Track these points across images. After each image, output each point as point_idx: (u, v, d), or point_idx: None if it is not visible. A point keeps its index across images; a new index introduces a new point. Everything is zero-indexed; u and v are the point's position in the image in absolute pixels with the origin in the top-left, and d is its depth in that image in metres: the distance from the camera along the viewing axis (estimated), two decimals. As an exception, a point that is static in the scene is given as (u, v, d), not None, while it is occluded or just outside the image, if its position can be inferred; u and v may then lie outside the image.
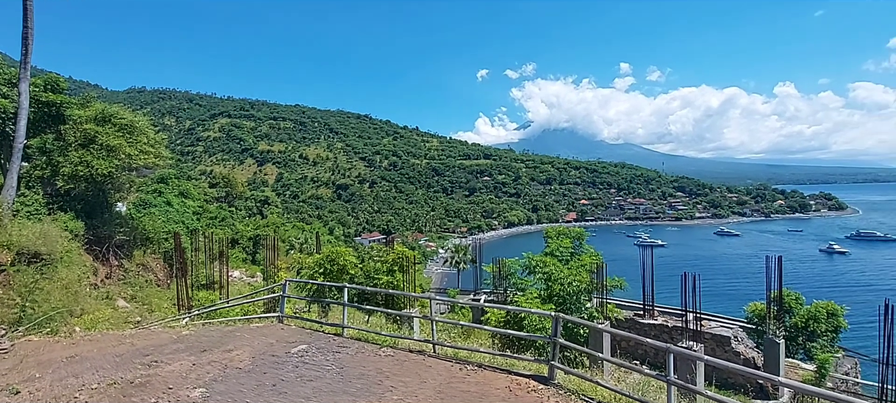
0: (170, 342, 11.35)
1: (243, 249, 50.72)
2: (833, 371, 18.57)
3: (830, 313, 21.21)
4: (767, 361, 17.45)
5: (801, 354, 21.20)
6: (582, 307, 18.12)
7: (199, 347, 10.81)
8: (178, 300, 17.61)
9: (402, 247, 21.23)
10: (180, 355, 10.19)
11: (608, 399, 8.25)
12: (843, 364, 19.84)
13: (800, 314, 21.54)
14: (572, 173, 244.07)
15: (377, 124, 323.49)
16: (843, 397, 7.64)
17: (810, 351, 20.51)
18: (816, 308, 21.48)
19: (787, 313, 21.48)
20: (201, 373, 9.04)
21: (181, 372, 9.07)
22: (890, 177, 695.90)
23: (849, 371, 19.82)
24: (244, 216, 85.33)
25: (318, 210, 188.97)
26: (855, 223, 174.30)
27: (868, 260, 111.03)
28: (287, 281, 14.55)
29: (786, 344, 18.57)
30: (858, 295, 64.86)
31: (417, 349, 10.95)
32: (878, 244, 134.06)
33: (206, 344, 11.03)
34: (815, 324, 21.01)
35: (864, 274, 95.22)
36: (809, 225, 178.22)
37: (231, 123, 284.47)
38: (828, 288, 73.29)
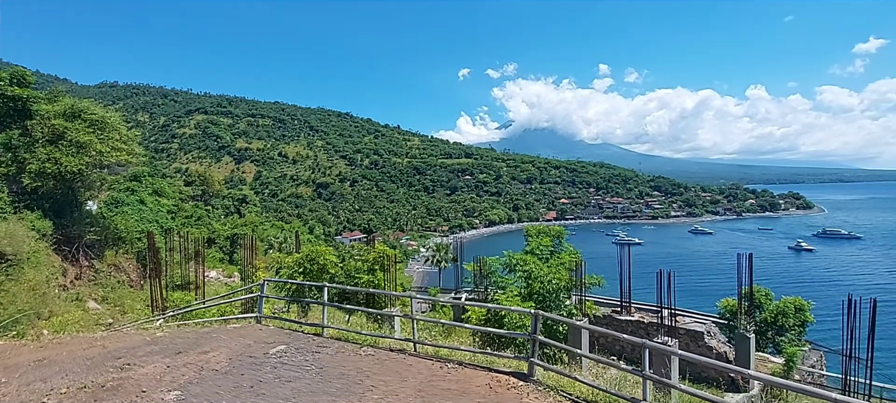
0: (143, 344, 11.07)
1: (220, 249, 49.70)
2: (800, 363, 19.30)
3: (798, 308, 22.05)
4: (739, 355, 18.02)
5: (770, 348, 21.98)
6: (561, 304, 18.36)
7: (174, 349, 10.58)
8: (151, 301, 17.17)
9: (383, 246, 21.15)
10: (154, 357, 9.96)
11: (586, 394, 8.40)
12: (810, 357, 20.64)
13: (769, 309, 22.32)
14: (552, 172, 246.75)
15: (358, 122, 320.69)
16: (809, 388, 7.98)
17: (779, 345, 21.28)
18: (785, 303, 22.31)
19: (758, 308, 22.23)
20: (176, 376, 8.85)
21: (155, 375, 8.87)
22: (854, 177, 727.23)
23: (815, 363, 20.65)
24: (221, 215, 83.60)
25: (297, 209, 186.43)
26: (821, 222, 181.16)
27: (833, 258, 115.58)
28: (265, 281, 14.34)
29: (756, 339, 19.21)
30: (824, 290, 67.49)
31: (398, 348, 10.95)
32: (842, 242, 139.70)
33: (181, 346, 10.79)
34: (784, 319, 21.82)
35: (828, 271, 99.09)
36: (779, 224, 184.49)
37: (208, 120, 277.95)
38: (795, 284, 75.93)
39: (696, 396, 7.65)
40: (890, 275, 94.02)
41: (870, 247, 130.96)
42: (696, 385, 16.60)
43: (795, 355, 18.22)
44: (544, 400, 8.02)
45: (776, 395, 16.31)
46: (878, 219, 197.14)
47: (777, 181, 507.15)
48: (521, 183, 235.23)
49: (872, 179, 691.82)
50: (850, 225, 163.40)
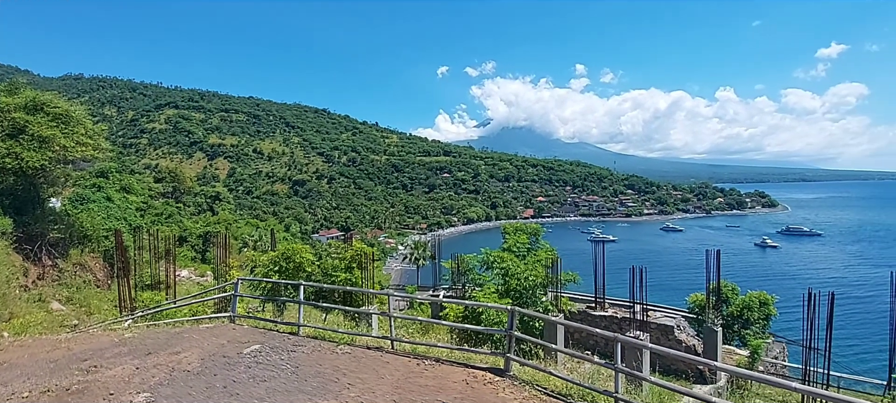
0: (111, 345, 10.74)
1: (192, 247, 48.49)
2: (764, 355, 20.11)
3: (762, 302, 22.94)
4: (706, 348, 18.65)
5: (736, 340, 22.81)
6: (538, 301, 18.61)
7: (144, 350, 10.30)
8: (119, 301, 16.63)
9: (360, 244, 20.98)
10: (122, 359, 9.67)
11: (561, 387, 8.59)
12: (773, 349, 21.53)
13: (736, 303, 23.15)
14: (530, 171, 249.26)
15: (336, 119, 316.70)
16: (772, 379, 8.35)
17: (744, 338, 22.10)
18: (750, 297, 23.18)
19: (725, 303, 23.02)
20: (146, 377, 8.63)
21: (123, 377, 8.62)
22: (815, 177, 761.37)
23: (777, 355, 21.55)
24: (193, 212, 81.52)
25: (273, 206, 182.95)
26: (785, 219, 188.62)
27: (795, 254, 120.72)
28: (239, 280, 14.07)
29: (723, 332, 19.92)
30: (786, 285, 70.34)
31: (375, 345, 10.93)
32: (804, 238, 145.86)
33: (151, 347, 10.52)
34: (749, 313, 22.67)
35: (791, 266, 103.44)
36: (745, 221, 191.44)
37: (179, 115, 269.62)
38: (761, 279, 79.00)
39: (665, 388, 7.92)
40: (847, 270, 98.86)
41: (829, 244, 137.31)
42: (667, 377, 17.12)
43: (760, 347, 18.97)
44: (520, 395, 8.16)
45: (741, 385, 16.97)
46: (838, 217, 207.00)
47: (744, 180, 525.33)
48: (499, 181, 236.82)
49: (833, 179, 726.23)
50: (811, 223, 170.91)
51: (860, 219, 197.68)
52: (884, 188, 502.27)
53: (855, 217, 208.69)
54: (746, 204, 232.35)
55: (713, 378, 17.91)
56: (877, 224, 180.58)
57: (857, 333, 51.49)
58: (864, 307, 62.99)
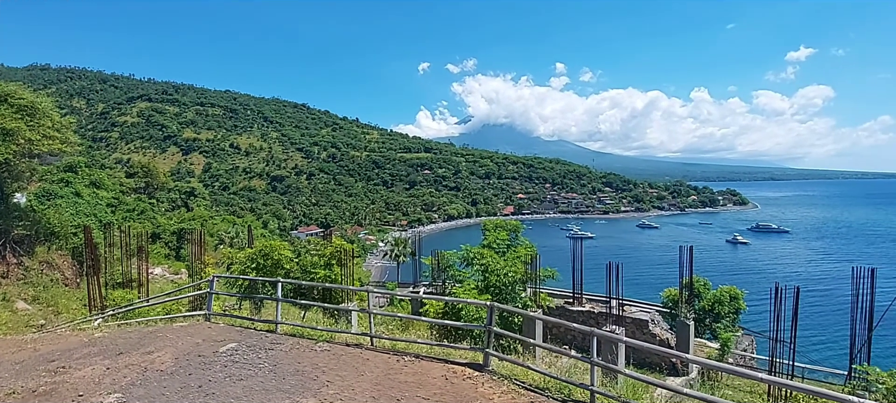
0: (80, 345, 10.42)
1: (166, 244, 47.25)
2: (734, 348, 20.84)
3: (732, 297, 23.78)
4: (679, 341, 19.21)
5: (708, 334, 23.58)
6: (517, 296, 18.85)
7: (115, 350, 10.03)
8: (89, 300, 16.12)
9: (340, 241, 20.81)
10: (92, 359, 9.40)
11: (538, 381, 8.73)
12: (742, 342, 22.33)
13: (707, 298, 23.93)
14: (510, 168, 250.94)
15: (315, 114, 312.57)
16: (741, 370, 8.67)
17: (715, 331, 22.87)
18: (721, 292, 24.00)
19: (697, 297, 23.77)
20: (117, 378, 8.42)
21: (93, 378, 8.39)
22: (784, 176, 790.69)
23: (747, 347, 22.35)
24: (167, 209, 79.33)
25: (250, 202, 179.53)
26: (755, 217, 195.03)
27: (764, 249, 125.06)
28: (215, 277, 13.81)
29: (695, 325, 20.55)
30: (755, 280, 72.86)
31: (355, 342, 10.90)
32: (772, 235, 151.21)
33: (123, 347, 10.25)
34: (720, 307, 23.47)
35: (760, 262, 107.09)
36: (717, 219, 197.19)
37: (152, 108, 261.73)
38: (731, 274, 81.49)
39: (639, 380, 8.15)
40: (811, 265, 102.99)
41: (795, 240, 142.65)
42: (641, 370, 17.56)
43: (730, 340, 19.66)
44: (498, 389, 8.27)
45: (712, 377, 17.55)
46: (804, 215, 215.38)
47: (717, 178, 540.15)
48: (480, 178, 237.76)
49: (800, 178, 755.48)
50: (779, 220, 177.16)
51: (824, 217, 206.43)
52: (846, 187, 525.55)
53: (819, 214, 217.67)
54: (719, 202, 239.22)
55: (685, 371, 18.46)
56: (839, 221, 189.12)
57: (821, 325, 53.75)
58: (827, 300, 65.72)
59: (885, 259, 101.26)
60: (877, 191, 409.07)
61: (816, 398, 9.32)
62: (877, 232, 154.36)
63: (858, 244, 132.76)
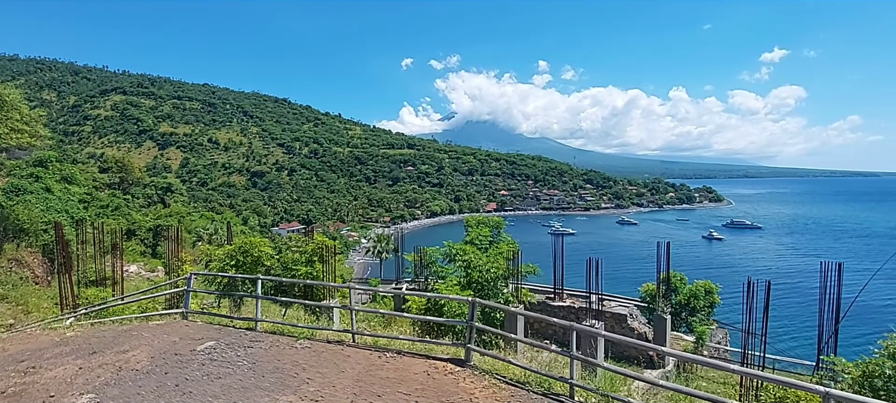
0: (51, 345, 10.12)
1: (142, 241, 46.16)
2: (708, 340, 21.43)
3: (707, 291, 24.43)
4: (656, 334, 19.66)
5: (684, 327, 24.17)
6: (499, 292, 18.99)
7: (88, 349, 9.78)
8: (61, 299, 15.64)
9: (322, 237, 20.62)
10: (64, 359, 9.15)
11: (519, 375, 8.84)
12: (716, 335, 22.96)
13: (683, 292, 24.52)
14: (493, 165, 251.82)
15: (297, 109, 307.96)
16: (715, 362, 8.94)
17: (691, 324, 23.46)
18: (697, 287, 24.62)
19: (674, 292, 24.34)
20: (90, 378, 8.22)
21: (65, 378, 8.17)
22: (758, 173, 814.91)
23: (720, 340, 23.00)
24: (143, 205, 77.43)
25: (230, 198, 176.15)
26: (729, 213, 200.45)
27: (738, 245, 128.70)
28: (192, 275, 13.56)
29: (672, 319, 21.05)
30: (729, 274, 74.89)
31: (336, 339, 10.85)
32: (746, 231, 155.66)
33: (97, 346, 10.00)
34: (696, 301, 24.09)
35: (733, 257, 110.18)
36: (694, 215, 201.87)
37: (126, 101, 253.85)
38: (707, 269, 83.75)
39: (617, 373, 8.33)
40: (782, 260, 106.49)
41: (767, 236, 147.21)
42: (620, 363, 17.92)
43: (704, 333, 20.21)
44: (480, 383, 8.35)
45: (687, 369, 18.02)
46: (776, 211, 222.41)
47: (693, 176, 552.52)
48: (463, 174, 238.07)
49: (772, 176, 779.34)
50: (753, 217, 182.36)
51: (795, 213, 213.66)
52: (816, 185, 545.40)
53: (790, 211, 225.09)
54: (695, 199, 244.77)
55: (662, 363, 18.91)
56: (808, 218, 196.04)
57: (791, 318, 55.65)
58: (797, 294, 68.06)
59: (851, 254, 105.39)
60: (845, 189, 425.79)
61: (786, 388, 9.69)
62: (844, 229, 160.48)
63: (826, 240, 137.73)
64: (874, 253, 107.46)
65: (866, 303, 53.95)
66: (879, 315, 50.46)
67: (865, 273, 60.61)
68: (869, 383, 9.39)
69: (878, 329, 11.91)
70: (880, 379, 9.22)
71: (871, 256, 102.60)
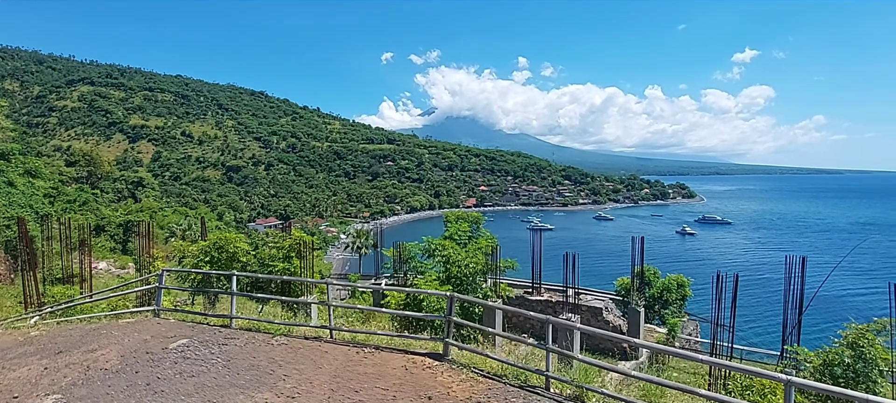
0: (14, 345, 9.75)
1: (112, 237, 44.81)
2: (680, 332, 22.09)
3: (679, 284, 25.15)
4: (630, 327, 20.15)
5: (657, 320, 24.84)
6: (478, 287, 19.09)
7: (54, 349, 9.46)
8: (25, 297, 15.05)
9: (300, 233, 20.37)
10: (29, 359, 8.84)
11: (496, 369, 8.96)
12: (687, 326, 23.70)
13: (657, 286, 25.19)
14: (473, 160, 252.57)
15: (274, 102, 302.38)
16: (684, 353, 9.23)
17: (664, 317, 24.13)
18: (669, 280, 25.32)
19: (647, 285, 24.96)
20: (56, 378, 7.96)
21: (30, 379, 7.90)
22: (728, 170, 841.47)
23: (691, 331, 23.74)
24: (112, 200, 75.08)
25: (204, 193, 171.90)
26: (702, 209, 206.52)
27: (709, 240, 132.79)
28: (164, 271, 13.24)
29: (645, 312, 21.61)
30: (700, 268, 77.19)
31: (314, 335, 10.77)
32: (717, 226, 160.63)
33: (63, 345, 9.68)
34: (668, 294, 24.78)
35: (704, 251, 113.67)
36: (668, 211, 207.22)
37: (94, 92, 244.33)
38: (679, 263, 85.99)
39: (592, 365, 8.52)
40: (750, 254, 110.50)
41: (737, 231, 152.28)
42: (595, 355, 18.31)
43: (676, 325, 20.83)
44: (458, 377, 8.43)
45: (660, 360, 18.54)
46: (745, 207, 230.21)
47: (668, 173, 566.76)
48: (443, 170, 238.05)
49: (742, 173, 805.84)
50: (723, 212, 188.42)
51: (763, 209, 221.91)
52: (783, 182, 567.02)
53: (758, 207, 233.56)
54: (669, 195, 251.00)
55: (635, 355, 19.41)
56: (774, 213, 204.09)
57: (758, 310, 57.79)
58: (764, 286, 70.68)
59: (813, 248, 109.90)
60: (809, 186, 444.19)
61: (751, 376, 10.09)
62: (807, 224, 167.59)
63: (791, 235, 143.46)
64: (834, 248, 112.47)
65: (827, 295, 56.48)
66: (839, 306, 52.87)
67: (827, 266, 63.33)
68: (829, 371, 9.87)
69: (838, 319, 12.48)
70: (839, 367, 9.70)
71: (832, 250, 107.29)
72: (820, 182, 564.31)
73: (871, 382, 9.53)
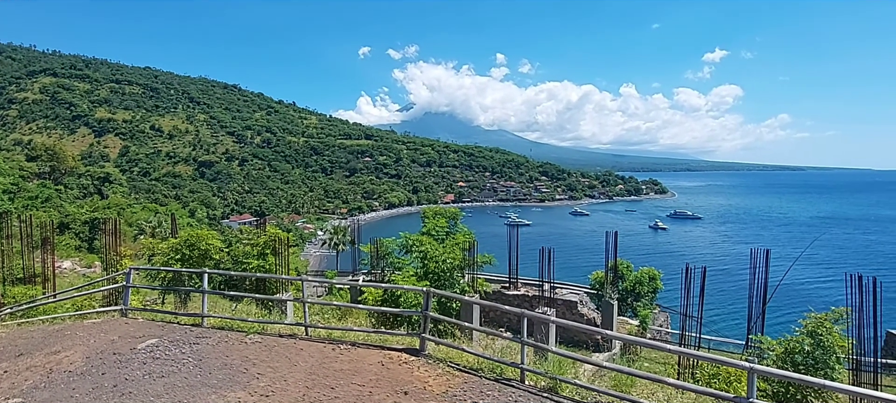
0: (-31, 348, 9.31)
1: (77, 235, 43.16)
2: (651, 323, 22.73)
3: (651, 277, 25.86)
4: (604, 319, 20.63)
5: (629, 312, 25.49)
6: (455, 282, 19.21)
7: (14, 351, 9.09)
8: (-20, 298, 14.35)
9: (275, 229, 20.05)
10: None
11: (473, 363, 9.05)
12: (658, 318, 24.40)
13: (630, 279, 25.83)
14: (451, 156, 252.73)
15: (248, 96, 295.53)
16: (656, 343, 9.51)
17: (636, 309, 24.77)
18: (642, 273, 26.00)
19: (621, 279, 25.56)
20: (16, 381, 7.66)
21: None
22: (699, 167, 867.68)
23: (662, 323, 24.46)
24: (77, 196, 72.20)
25: (175, 189, 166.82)
26: (673, 204, 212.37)
27: (680, 234, 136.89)
28: (132, 269, 12.85)
29: (618, 305, 22.13)
30: (671, 261, 79.40)
31: (289, 333, 10.65)
32: (688, 221, 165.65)
33: (24, 347, 9.31)
34: (640, 287, 25.45)
35: (674, 245, 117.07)
36: (641, 206, 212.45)
37: (57, 84, 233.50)
38: (651, 256, 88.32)
39: (566, 357, 8.70)
40: (717, 247, 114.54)
41: (706, 225, 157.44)
42: (570, 348, 18.68)
43: (648, 317, 21.42)
44: (433, 372, 8.48)
45: (632, 351, 19.05)
46: (714, 202, 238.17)
47: (641, 169, 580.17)
48: (421, 166, 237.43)
49: (712, 170, 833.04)
50: (693, 207, 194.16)
51: (730, 204, 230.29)
52: (750, 178, 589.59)
53: (726, 202, 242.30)
54: (642, 191, 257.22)
55: (608, 346, 19.88)
56: (741, 208, 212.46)
57: (725, 300, 59.93)
58: (730, 278, 73.28)
59: (776, 241, 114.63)
60: (774, 182, 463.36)
61: (717, 365, 10.48)
62: (770, 218, 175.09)
63: (756, 228, 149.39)
64: (795, 241, 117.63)
65: (789, 286, 59.00)
66: (800, 296, 55.34)
67: (788, 258, 66.06)
68: (790, 358, 10.33)
69: (799, 309, 13.06)
70: (800, 355, 10.17)
71: (793, 243, 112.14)
72: (783, 178, 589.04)
73: (829, 368, 10.03)
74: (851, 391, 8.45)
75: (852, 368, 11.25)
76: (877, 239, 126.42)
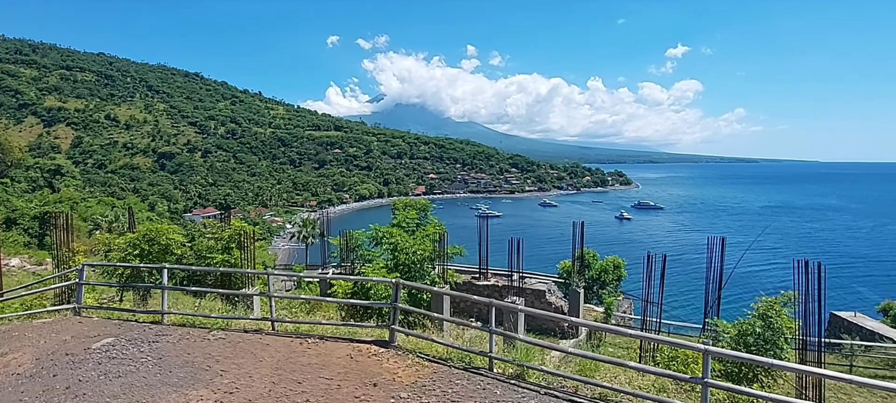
0: None
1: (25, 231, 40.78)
2: (616, 310, 23.49)
3: (616, 266, 26.71)
4: (571, 307, 21.16)
5: (595, 299, 26.27)
6: (426, 274, 19.22)
7: (-47, 355, 8.53)
8: (-86, 300, 13.35)
9: (240, 223, 19.46)
10: (-79, 368, 7.91)
11: (442, 353, 9.13)
12: (622, 305, 25.23)
13: (595, 267, 26.60)
14: (422, 148, 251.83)
15: (211, 85, 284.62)
16: (618, 329, 9.84)
17: (601, 297, 25.54)
18: (607, 262, 26.80)
19: (587, 267, 26.29)
20: (-43, 386, 7.20)
21: (-77, 389, 7.09)
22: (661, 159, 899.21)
23: (626, 309, 25.31)
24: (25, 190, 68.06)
25: (133, 182, 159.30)
26: (637, 195, 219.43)
27: (643, 223, 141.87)
28: (85, 265, 12.25)
29: (585, 293, 22.74)
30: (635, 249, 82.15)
31: (254, 328, 10.44)
32: (650, 211, 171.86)
33: (-35, 351, 8.75)
34: (606, 275, 26.25)
35: (637, 234, 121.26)
36: (607, 197, 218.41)
37: (1, 70, 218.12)
38: (616, 245, 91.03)
39: (534, 344, 8.90)
40: (677, 235, 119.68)
41: (667, 215, 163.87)
42: (538, 336, 19.10)
43: (612, 304, 22.12)
44: (403, 363, 8.51)
45: (597, 337, 19.65)
46: (675, 193, 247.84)
47: (607, 161, 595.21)
48: (392, 157, 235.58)
49: (673, 162, 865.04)
50: (656, 198, 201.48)
51: (689, 194, 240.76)
52: (709, 169, 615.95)
53: (686, 193, 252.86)
54: (608, 182, 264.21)
55: (575, 333, 20.44)
56: (699, 198, 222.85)
57: (684, 286, 62.64)
58: (689, 265, 76.58)
59: (731, 229, 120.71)
60: (729, 174, 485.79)
61: (676, 348, 10.95)
62: (726, 208, 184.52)
63: (712, 217, 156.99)
64: (748, 228, 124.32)
65: (743, 272, 62.21)
66: (753, 281, 58.44)
67: (742, 245, 69.45)
68: (743, 340, 10.93)
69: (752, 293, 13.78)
70: (752, 337, 10.76)
71: (746, 231, 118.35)
72: (738, 170, 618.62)
73: (778, 348, 10.67)
74: (798, 368, 9.02)
75: (799, 348, 11.98)
76: (820, 226, 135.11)
